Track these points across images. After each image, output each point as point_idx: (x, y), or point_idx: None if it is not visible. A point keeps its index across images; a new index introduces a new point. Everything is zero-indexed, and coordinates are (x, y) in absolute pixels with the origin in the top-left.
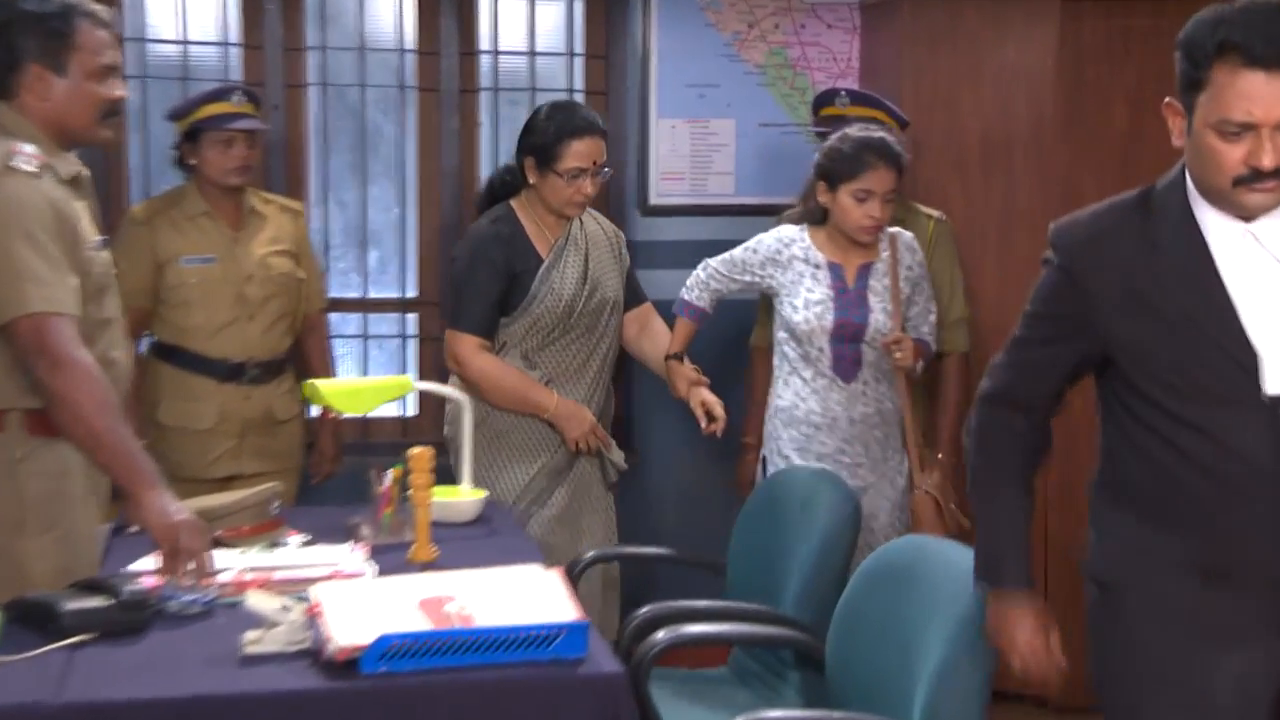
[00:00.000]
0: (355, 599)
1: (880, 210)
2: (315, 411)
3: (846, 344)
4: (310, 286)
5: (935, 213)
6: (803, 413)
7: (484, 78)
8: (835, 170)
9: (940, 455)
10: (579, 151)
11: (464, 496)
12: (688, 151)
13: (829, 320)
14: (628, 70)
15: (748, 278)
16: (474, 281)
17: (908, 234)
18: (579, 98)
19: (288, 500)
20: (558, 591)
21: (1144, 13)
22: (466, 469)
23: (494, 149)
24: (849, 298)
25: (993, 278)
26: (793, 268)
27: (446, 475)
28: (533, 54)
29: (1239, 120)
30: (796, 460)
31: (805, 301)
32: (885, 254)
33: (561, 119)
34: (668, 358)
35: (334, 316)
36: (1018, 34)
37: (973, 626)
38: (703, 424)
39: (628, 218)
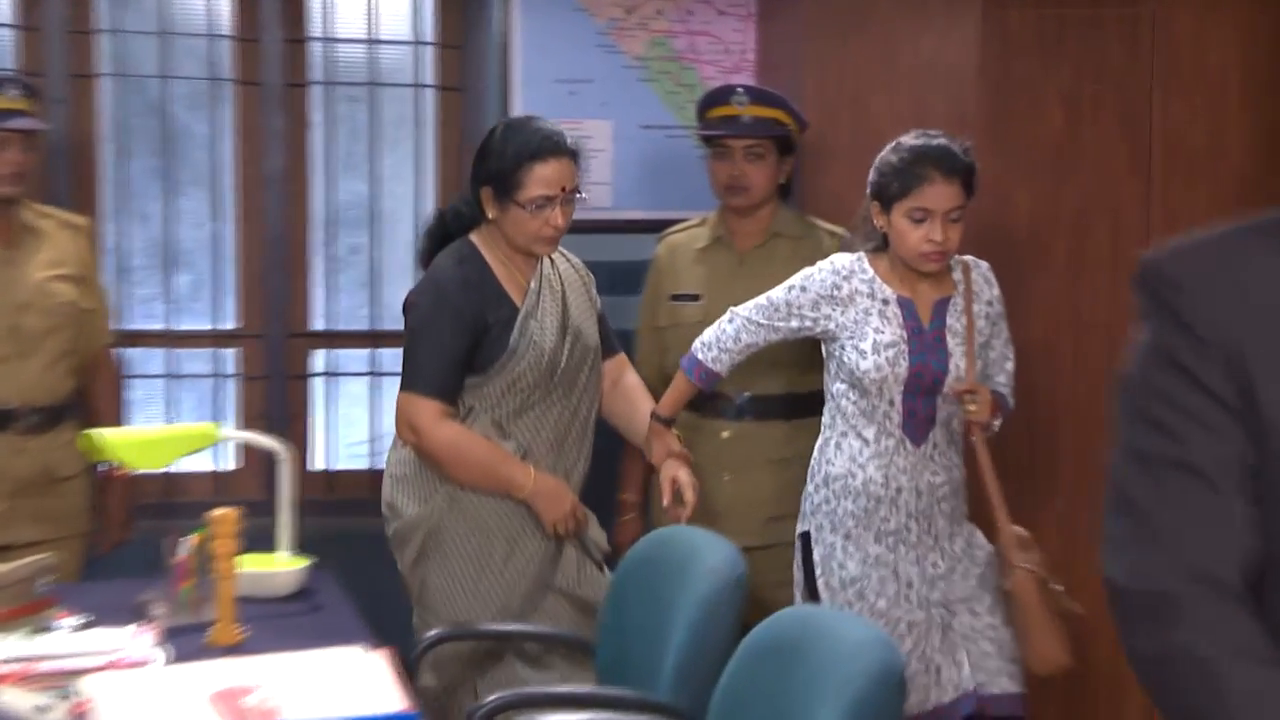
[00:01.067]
0: (134, 693)
1: (943, 232)
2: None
3: (921, 397)
4: (98, 317)
5: (839, 230)
6: (860, 481)
7: (315, 70)
8: (887, 187)
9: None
10: (543, 177)
11: (281, 566)
12: None
13: (903, 367)
14: (486, 62)
15: (794, 323)
16: (435, 335)
17: (984, 263)
18: (428, 94)
19: (68, 574)
20: (383, 677)
21: (1079, 0)
22: (285, 531)
23: (327, 153)
24: (925, 340)
25: None
26: (855, 304)
27: (379, 559)
28: (373, 42)
29: None
30: (853, 538)
31: (874, 344)
32: (958, 282)
33: (520, 140)
34: (654, 416)
35: (134, 352)
36: (936, 25)
37: (867, 710)
38: (665, 501)
39: None
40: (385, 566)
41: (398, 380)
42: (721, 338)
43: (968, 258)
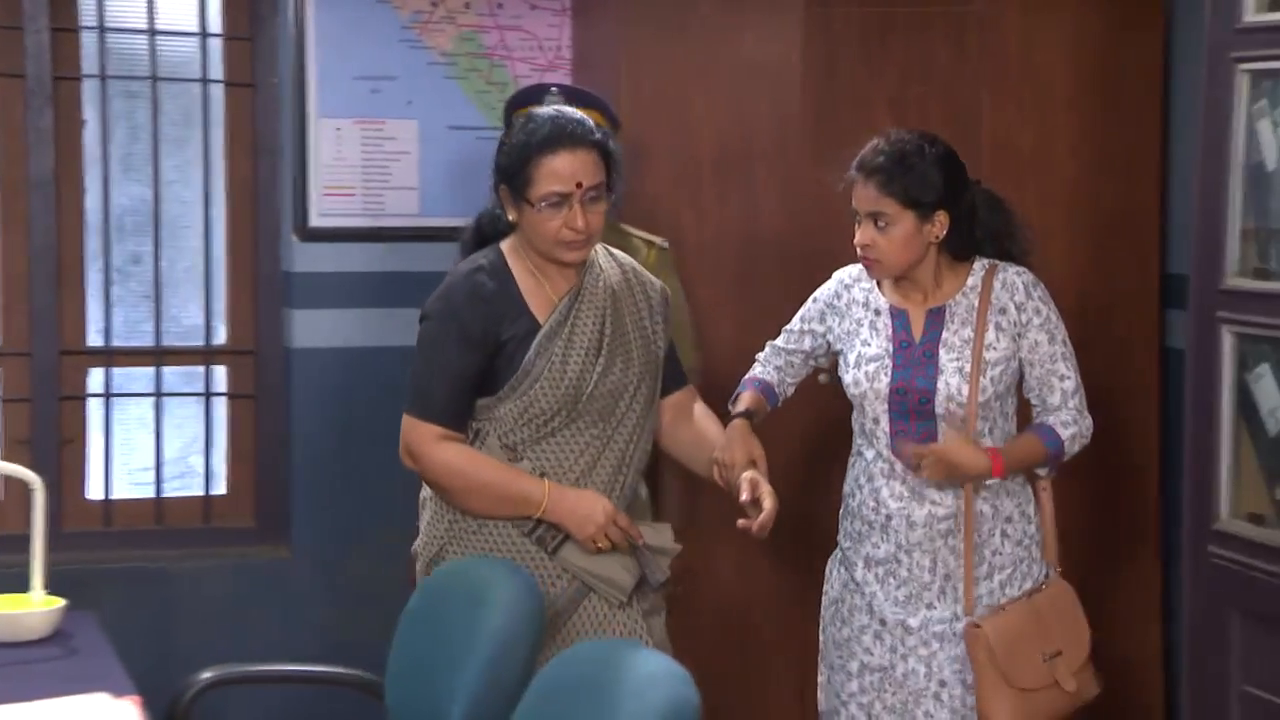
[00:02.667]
0: None
1: (862, 234)
2: None
3: (911, 417)
4: None
5: (655, 238)
6: (857, 502)
7: (88, 62)
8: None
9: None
10: (553, 170)
11: (33, 607)
12: (358, 160)
13: (883, 383)
14: (279, 57)
15: (809, 341)
16: (439, 352)
17: (1016, 270)
18: (216, 90)
19: None
20: None
21: (904, 0)
22: (37, 569)
23: (104, 154)
24: (912, 354)
25: (730, 316)
26: (850, 314)
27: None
28: (153, 33)
29: None
30: (845, 559)
31: (859, 357)
32: (970, 290)
33: (529, 129)
34: (735, 415)
35: None
36: (758, 23)
37: None
38: (745, 497)
39: (281, 243)
40: (166, 603)
41: (185, 401)
42: (760, 359)
43: (999, 262)
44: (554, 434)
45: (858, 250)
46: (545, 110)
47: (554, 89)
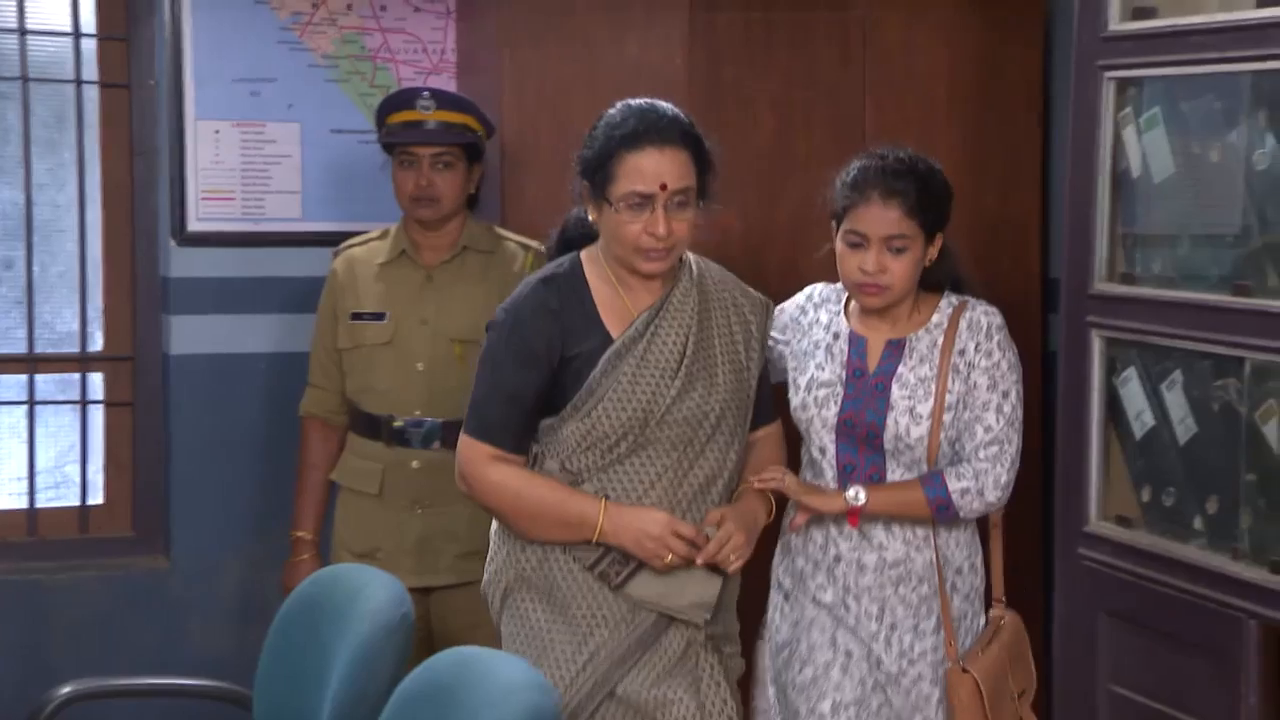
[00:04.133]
0: None
1: (876, 262)
2: None
3: (861, 451)
4: None
5: (532, 242)
6: (802, 539)
7: None
8: (832, 205)
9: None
10: (637, 168)
11: None
12: (238, 164)
13: (830, 413)
14: (156, 58)
15: (775, 353)
16: (496, 369)
17: (985, 309)
18: (90, 90)
19: None
20: None
21: (790, 4)
22: None
23: None
24: (864, 385)
25: None
26: (810, 334)
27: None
28: (24, 32)
29: None
30: (791, 599)
31: (810, 381)
32: (935, 326)
33: (615, 121)
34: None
35: None
36: (640, 28)
37: None
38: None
39: (158, 248)
40: (41, 616)
41: (61, 410)
42: None
43: (970, 299)
44: (620, 461)
45: (855, 276)
46: (637, 101)
47: (425, 93)
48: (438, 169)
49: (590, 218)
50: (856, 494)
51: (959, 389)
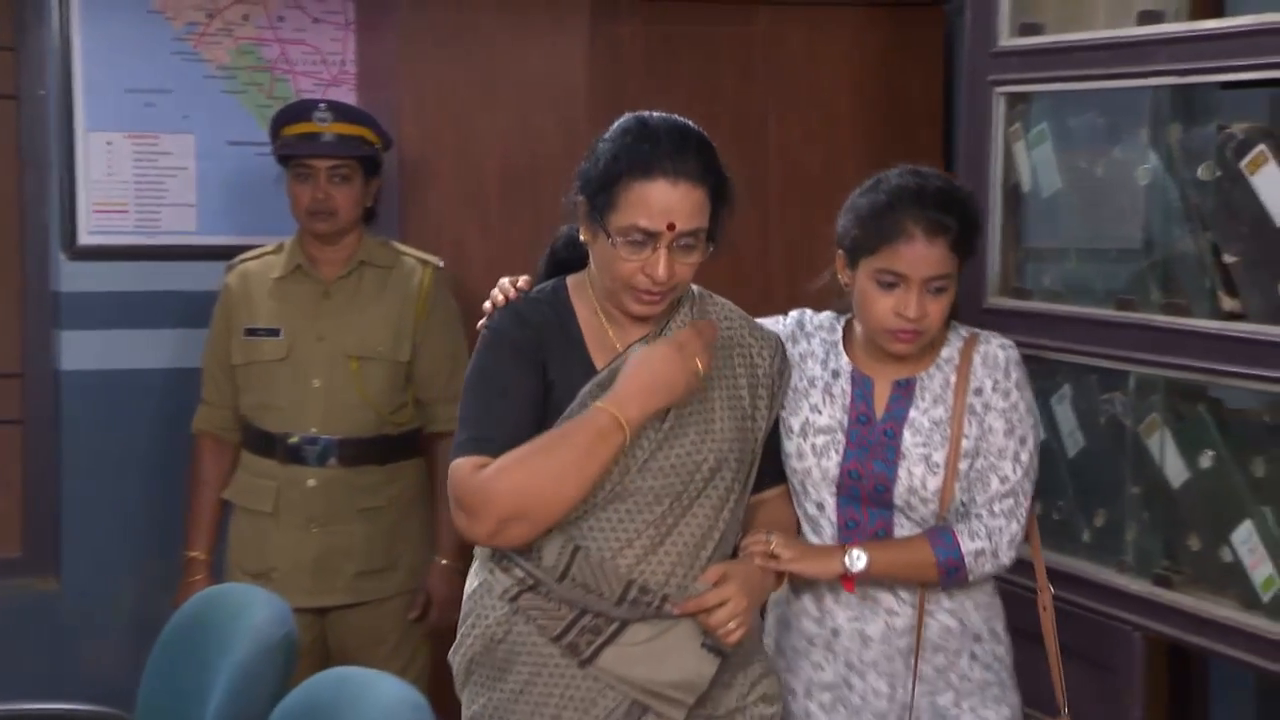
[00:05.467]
0: None
1: (918, 306)
2: None
3: (865, 506)
4: None
5: (430, 258)
6: (795, 610)
7: None
8: (853, 235)
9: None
10: (644, 199)
11: None
12: (131, 176)
13: (832, 462)
14: (46, 67)
15: None
16: (492, 380)
17: (1000, 342)
18: None
19: None
20: None
21: (692, 17)
22: None
23: None
24: (871, 433)
25: None
26: (804, 368)
27: None
28: None
29: None
30: (784, 688)
31: (804, 426)
32: (945, 362)
33: (629, 140)
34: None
35: None
36: (542, 40)
37: None
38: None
39: (49, 262)
40: None
41: None
42: None
43: (981, 331)
44: (594, 511)
45: (887, 322)
46: (656, 117)
47: (322, 105)
48: (334, 182)
49: (582, 238)
50: (857, 557)
51: (974, 433)
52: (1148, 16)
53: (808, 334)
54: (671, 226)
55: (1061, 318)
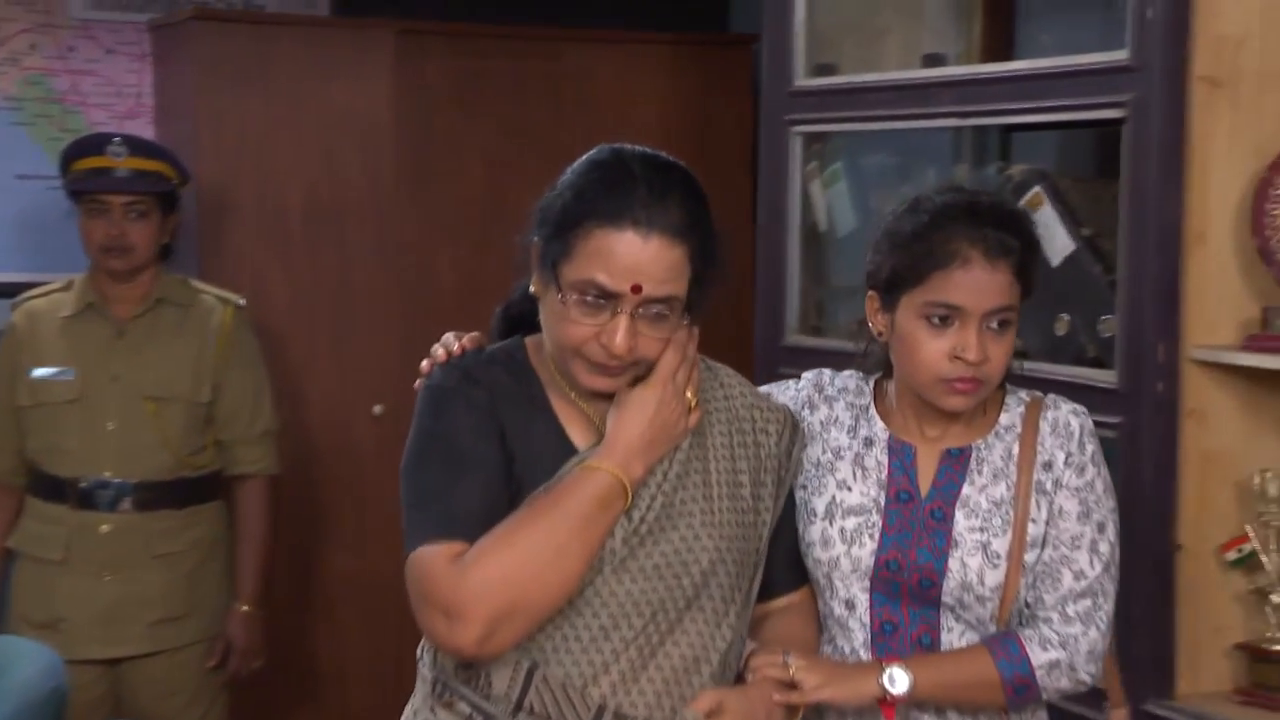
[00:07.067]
0: None
1: (978, 347)
2: None
3: (904, 601)
4: None
5: (232, 296)
6: None
7: None
8: (891, 266)
9: None
10: (604, 251)
11: None
12: None
13: (864, 551)
14: None
15: None
16: (435, 443)
17: (1071, 407)
18: None
19: None
20: None
21: (500, 51)
22: None
23: None
24: (914, 513)
25: (326, 373)
26: (827, 439)
27: None
28: None
29: None
30: None
31: (830, 507)
32: (1006, 430)
33: (595, 175)
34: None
35: None
36: (346, 73)
37: None
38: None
39: None
40: None
41: None
42: None
43: (1046, 395)
44: (559, 624)
45: (942, 369)
46: (635, 151)
47: (116, 139)
48: (130, 218)
49: (532, 289)
50: (898, 677)
51: (1043, 517)
52: (931, 60)
53: (829, 398)
54: (637, 289)
55: (854, 354)
